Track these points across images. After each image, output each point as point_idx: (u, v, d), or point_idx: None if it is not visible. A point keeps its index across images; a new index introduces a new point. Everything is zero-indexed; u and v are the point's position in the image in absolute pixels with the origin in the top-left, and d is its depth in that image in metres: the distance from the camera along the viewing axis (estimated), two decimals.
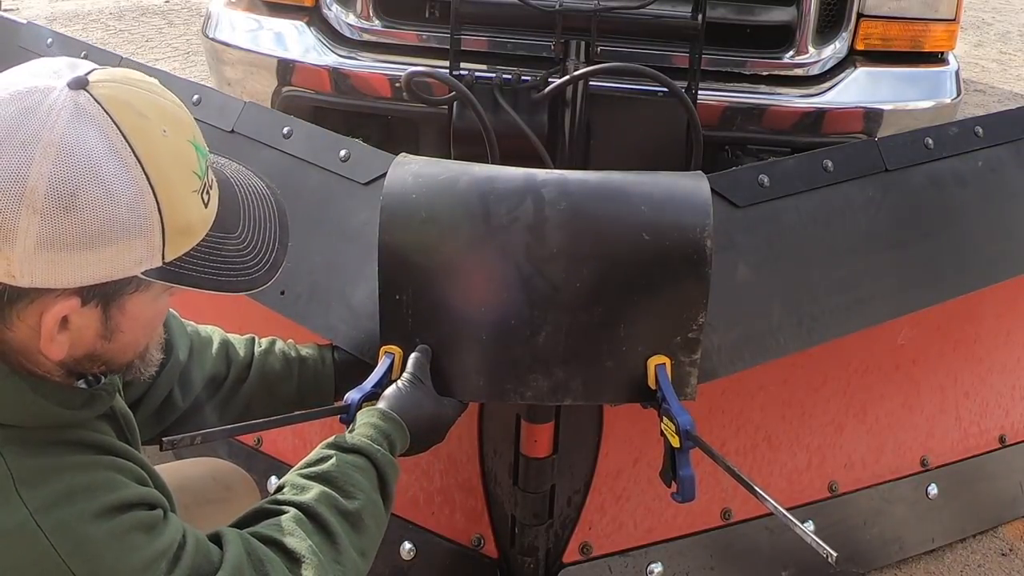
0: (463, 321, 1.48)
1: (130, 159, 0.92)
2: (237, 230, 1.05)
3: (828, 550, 1.23)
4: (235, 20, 3.04)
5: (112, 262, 0.93)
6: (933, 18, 2.87)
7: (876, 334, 1.90)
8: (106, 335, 1.00)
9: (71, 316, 0.96)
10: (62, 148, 0.89)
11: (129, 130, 0.93)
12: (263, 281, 1.06)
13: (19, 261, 0.90)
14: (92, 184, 0.90)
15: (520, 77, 2.47)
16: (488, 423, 1.83)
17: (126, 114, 0.93)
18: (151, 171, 0.93)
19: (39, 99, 0.91)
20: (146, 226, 0.94)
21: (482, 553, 1.91)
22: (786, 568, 2.09)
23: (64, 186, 0.89)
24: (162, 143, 0.95)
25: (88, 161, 0.90)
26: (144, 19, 6.81)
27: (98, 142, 0.91)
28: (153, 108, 0.96)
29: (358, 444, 1.25)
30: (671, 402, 1.42)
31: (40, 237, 0.89)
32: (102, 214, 0.91)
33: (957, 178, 1.91)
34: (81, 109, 0.91)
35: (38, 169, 0.88)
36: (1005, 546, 2.34)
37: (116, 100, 0.93)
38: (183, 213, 0.97)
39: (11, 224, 0.88)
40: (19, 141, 0.89)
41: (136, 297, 0.99)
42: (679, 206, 1.46)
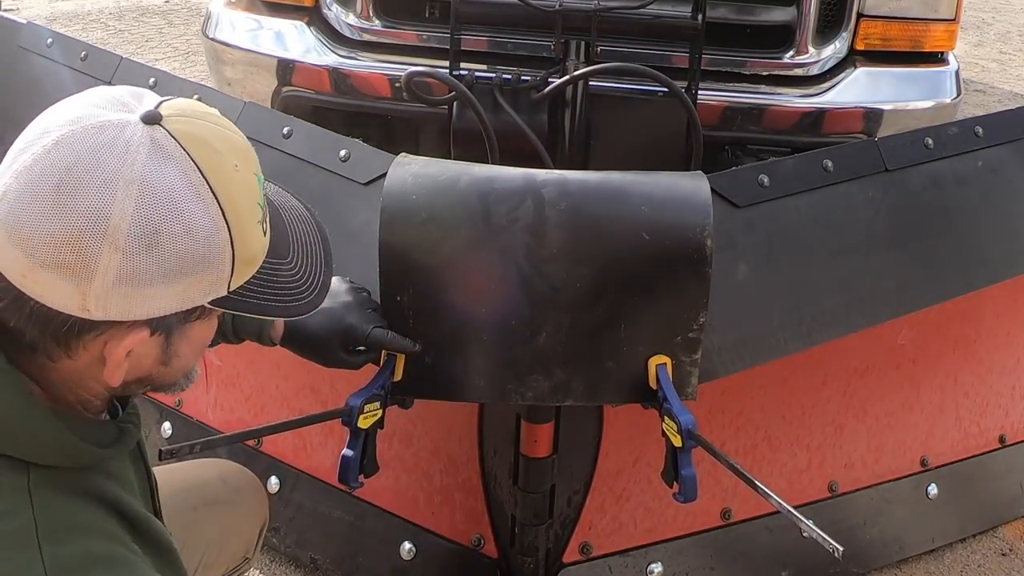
0: (464, 321, 1.48)
1: (208, 195, 0.93)
2: (288, 255, 1.07)
3: (835, 545, 1.23)
4: (235, 20, 3.03)
5: (185, 294, 0.94)
6: (933, 18, 2.87)
7: (876, 334, 1.90)
8: (165, 361, 1.02)
9: (135, 348, 0.97)
10: (144, 185, 0.89)
11: (205, 166, 0.93)
12: (315, 305, 1.09)
13: (95, 296, 0.90)
14: (174, 221, 0.90)
15: (520, 77, 2.47)
16: (488, 423, 1.83)
17: (202, 150, 0.94)
18: (226, 206, 0.94)
19: (115, 134, 0.91)
20: (219, 259, 0.95)
21: (482, 553, 1.91)
22: (786, 568, 2.09)
23: (147, 224, 0.89)
24: (234, 177, 0.96)
25: (170, 198, 0.90)
26: (144, 19, 6.81)
27: (177, 179, 0.91)
28: (225, 143, 0.97)
29: None
30: (672, 401, 1.42)
31: (120, 273, 0.89)
32: (182, 250, 0.91)
33: (957, 178, 1.91)
34: (158, 145, 0.91)
35: (121, 207, 0.88)
36: (1005, 546, 2.34)
37: (191, 136, 0.94)
38: (250, 244, 0.98)
39: (92, 261, 0.88)
40: (100, 179, 0.88)
41: (198, 324, 1.01)
42: (679, 206, 1.46)
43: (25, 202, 0.88)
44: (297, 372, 2.02)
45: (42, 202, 0.88)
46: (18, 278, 0.90)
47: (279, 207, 1.11)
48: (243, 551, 1.63)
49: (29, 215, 0.88)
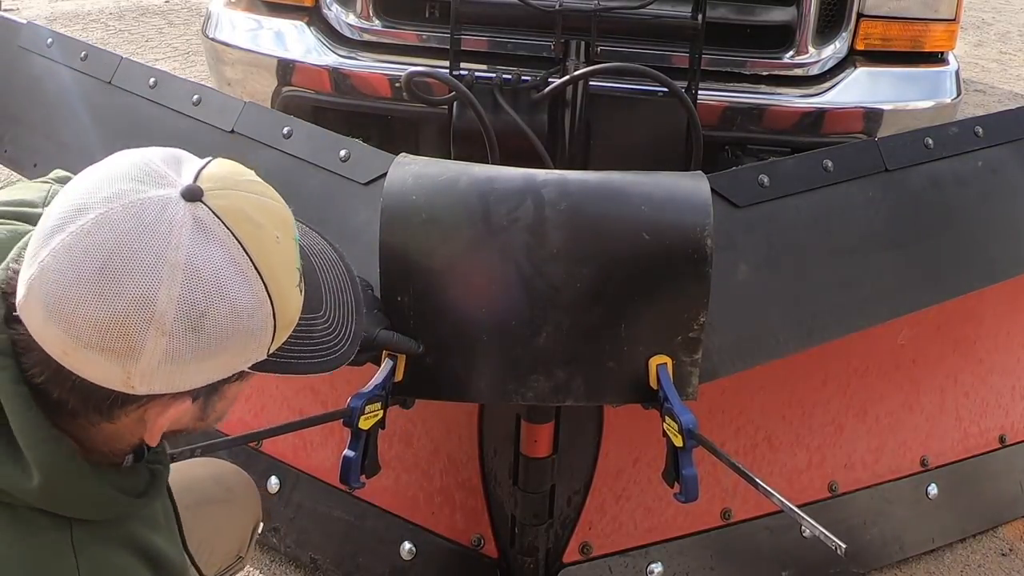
0: (464, 322, 1.48)
1: (251, 272, 0.93)
2: (321, 308, 1.08)
3: (837, 542, 1.23)
4: (235, 20, 3.03)
5: (229, 365, 0.95)
6: (933, 18, 2.87)
7: (876, 334, 1.90)
8: (203, 418, 1.03)
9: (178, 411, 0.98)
10: (189, 269, 0.89)
11: (248, 243, 0.93)
12: (347, 357, 1.10)
13: (140, 374, 0.90)
14: (219, 303, 0.91)
15: (520, 77, 2.47)
16: (488, 423, 1.83)
17: (244, 226, 0.93)
18: (268, 280, 0.94)
19: (156, 214, 0.89)
20: (262, 331, 0.96)
21: (482, 553, 1.91)
22: (786, 568, 2.09)
23: (194, 308, 0.89)
24: (275, 250, 0.96)
25: (215, 280, 0.90)
26: (144, 19, 6.81)
27: (222, 259, 0.91)
28: (265, 214, 0.97)
29: None
30: (673, 401, 1.42)
31: (165, 354, 0.89)
32: (227, 328, 0.92)
33: (957, 178, 1.91)
34: (201, 223, 0.90)
35: (167, 292, 0.88)
36: (1005, 546, 2.34)
37: (233, 211, 0.93)
38: (288, 310, 0.99)
39: (138, 344, 0.88)
40: (144, 263, 0.87)
41: (236, 383, 1.01)
42: (679, 206, 1.46)
43: (67, 284, 0.87)
44: None
45: (86, 286, 0.87)
46: (59, 354, 0.90)
47: (309, 253, 1.10)
48: (236, 550, 1.64)
49: (72, 298, 0.87)
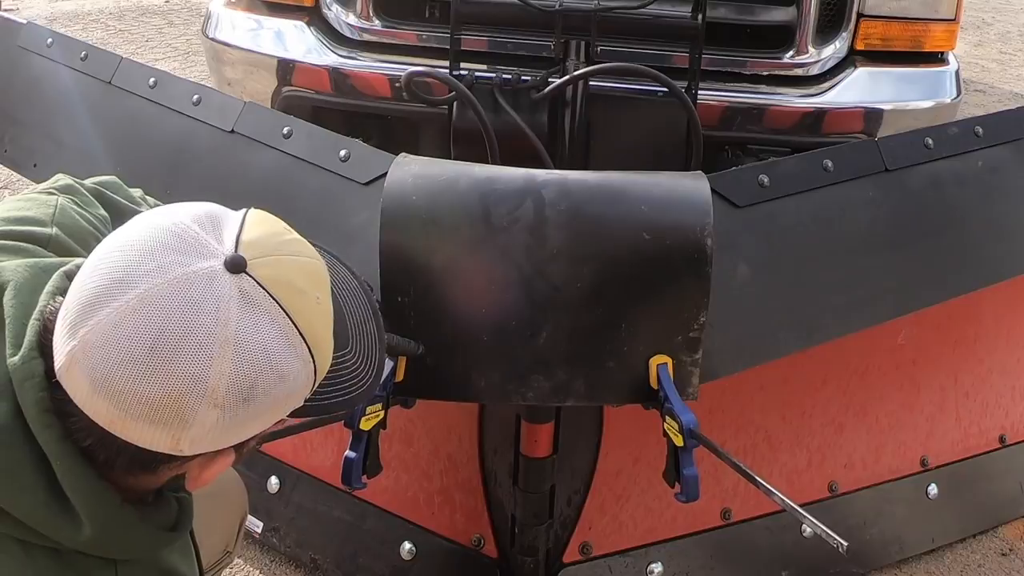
0: (465, 322, 1.48)
1: (296, 339, 0.94)
2: (348, 344, 1.08)
3: (839, 540, 1.23)
4: (235, 20, 3.03)
5: (271, 420, 0.97)
6: (933, 18, 2.87)
7: (876, 334, 1.90)
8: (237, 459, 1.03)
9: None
10: (239, 345, 0.90)
11: (293, 311, 0.94)
12: (374, 388, 1.11)
13: (190, 440, 0.91)
14: (268, 373, 0.92)
15: (520, 77, 2.47)
16: (488, 423, 1.83)
17: (288, 294, 0.94)
18: (312, 343, 0.95)
19: (203, 291, 0.89)
20: (305, 387, 0.98)
21: (482, 553, 1.91)
22: (786, 568, 2.09)
23: (244, 381, 0.90)
24: (317, 311, 0.97)
25: (264, 353, 0.91)
26: (144, 19, 6.81)
27: (269, 330, 0.92)
28: (306, 278, 0.97)
29: None
30: (674, 401, 1.42)
31: (217, 424, 0.91)
32: (275, 395, 0.94)
33: (957, 178, 1.91)
34: (248, 297, 0.91)
35: (218, 369, 0.88)
36: (1005, 546, 2.34)
37: (277, 281, 0.94)
38: (326, 360, 1.01)
39: (189, 417, 0.89)
40: (195, 343, 0.88)
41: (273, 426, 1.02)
42: (679, 206, 1.46)
43: (117, 362, 0.87)
44: None
45: (137, 365, 0.87)
46: (106, 423, 0.90)
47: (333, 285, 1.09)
48: (223, 545, 1.64)
49: (122, 376, 0.87)
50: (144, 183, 1.91)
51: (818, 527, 1.28)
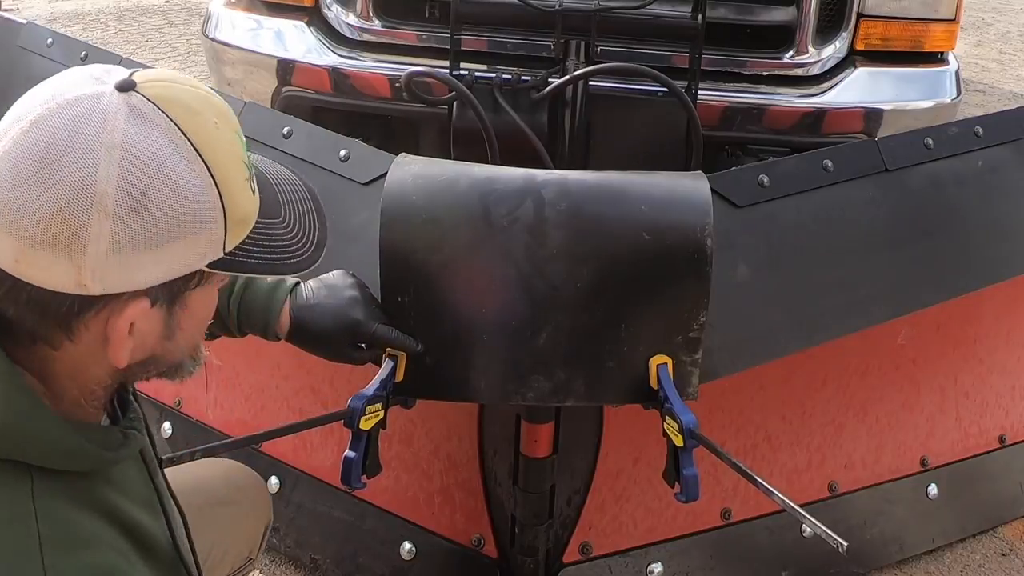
0: (465, 322, 1.48)
1: (191, 154, 0.92)
2: (280, 215, 1.06)
3: (839, 541, 1.23)
4: (235, 20, 3.04)
5: (181, 258, 0.93)
6: (933, 18, 2.87)
7: (876, 334, 1.90)
8: (168, 335, 1.00)
9: (137, 321, 0.95)
10: (126, 149, 0.88)
11: (186, 126, 0.92)
12: (311, 262, 1.08)
13: (91, 268, 0.89)
14: (160, 182, 0.90)
15: (520, 77, 2.47)
16: (488, 423, 1.83)
17: (180, 110, 0.93)
18: (211, 164, 0.94)
19: (91, 105, 0.90)
20: (211, 219, 0.94)
21: (482, 553, 1.91)
22: (786, 568, 2.09)
23: (133, 187, 0.88)
24: (216, 135, 0.95)
25: (154, 160, 0.89)
26: (144, 19, 6.81)
27: (160, 139, 0.90)
28: (201, 102, 0.96)
29: None
30: (674, 401, 1.42)
31: (112, 241, 0.88)
32: (172, 211, 0.90)
33: (957, 178, 1.91)
34: (136, 109, 0.90)
35: (105, 172, 0.87)
36: (1005, 546, 2.34)
37: (167, 98, 0.93)
38: (240, 203, 0.97)
39: (82, 231, 0.87)
40: (81, 149, 0.87)
41: (198, 292, 1.00)
42: (679, 206, 1.46)
43: (9, 186, 0.87)
44: (297, 372, 2.02)
45: (26, 182, 0.87)
46: (12, 264, 0.89)
47: (265, 172, 1.10)
48: (247, 551, 1.63)
49: (15, 198, 0.87)
50: None
51: (818, 527, 1.28)
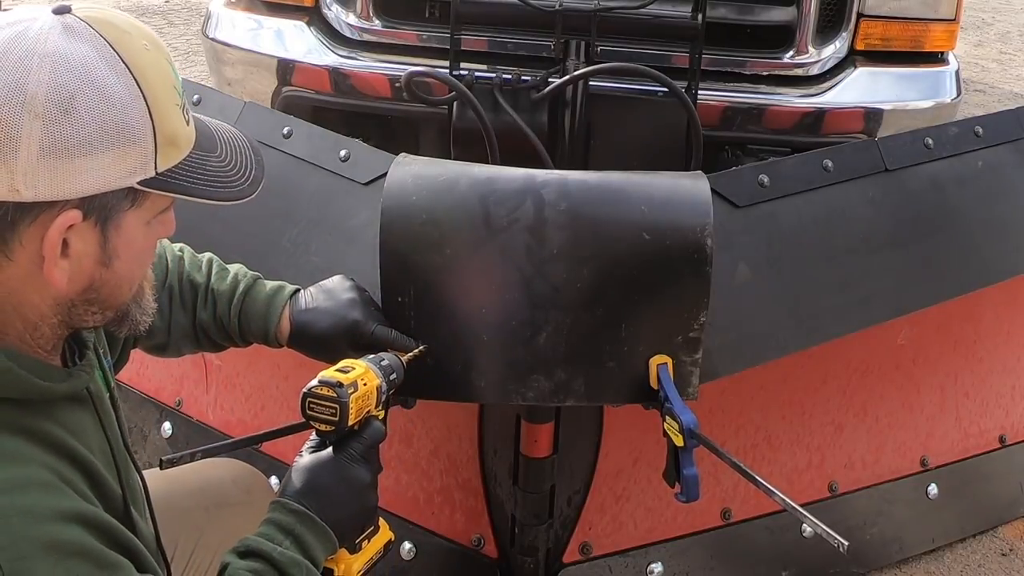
0: (464, 322, 1.48)
1: (120, 67, 0.98)
2: (217, 150, 1.11)
3: (840, 540, 1.23)
4: (235, 20, 3.04)
5: (111, 169, 0.97)
6: (933, 18, 2.87)
7: (876, 334, 1.90)
8: (104, 260, 1.03)
9: (72, 238, 0.98)
10: (56, 58, 0.94)
11: (116, 43, 0.98)
12: (248, 193, 1.13)
13: (23, 172, 0.93)
14: (88, 88, 0.95)
15: (520, 77, 2.47)
16: (488, 423, 1.83)
17: (111, 30, 0.99)
18: (139, 79, 0.99)
19: (28, 24, 0.96)
20: (140, 132, 0.99)
21: (482, 553, 1.91)
22: (786, 568, 2.09)
23: (62, 91, 0.93)
24: (146, 55, 1.01)
25: (83, 68, 0.95)
26: (144, 19, 6.76)
27: (90, 51, 0.96)
28: (133, 27, 1.02)
29: (252, 546, 1.17)
30: (674, 401, 1.42)
31: (43, 144, 0.93)
32: (100, 117, 0.95)
33: (957, 178, 1.91)
34: (69, 27, 0.97)
35: (36, 77, 0.93)
36: (1005, 546, 2.34)
37: (99, 19, 0.99)
38: (170, 123, 1.02)
39: (14, 133, 0.92)
40: (15, 58, 0.93)
41: (131, 215, 1.03)
42: (679, 206, 1.46)
43: None
44: (297, 372, 2.02)
45: None
46: None
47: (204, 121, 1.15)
48: None
49: None
50: None
51: (819, 527, 1.28)
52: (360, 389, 1.24)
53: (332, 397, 1.21)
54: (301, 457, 1.26)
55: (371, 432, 1.27)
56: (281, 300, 1.49)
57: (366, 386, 1.26)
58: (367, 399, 1.25)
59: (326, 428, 1.22)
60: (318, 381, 1.22)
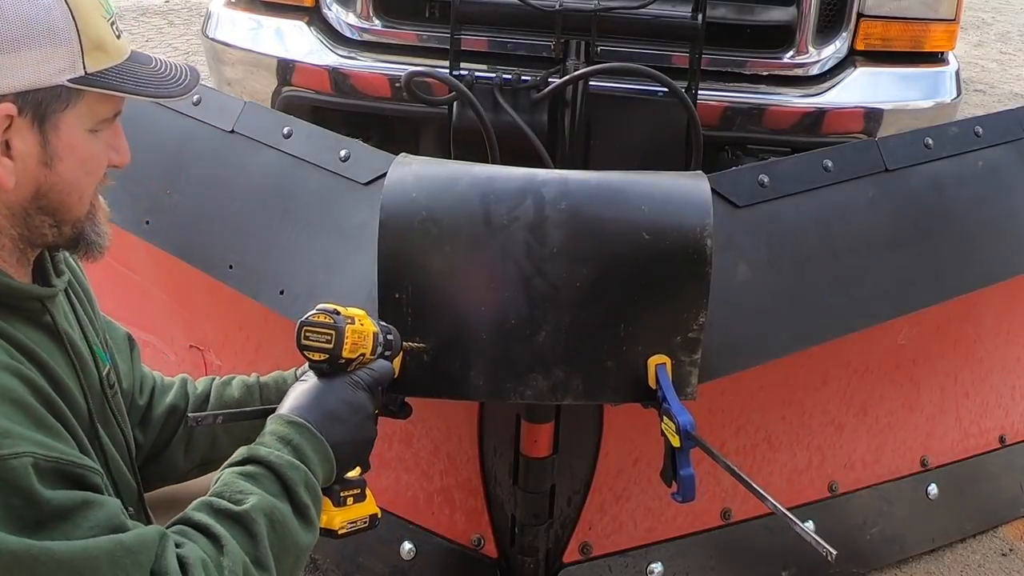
0: (463, 320, 1.48)
1: None
2: (152, 63, 1.16)
3: (828, 548, 1.23)
4: (235, 20, 3.04)
5: (39, 67, 1.02)
6: (933, 18, 2.87)
7: (876, 334, 1.90)
8: (47, 160, 1.07)
9: (13, 139, 1.03)
10: None
11: None
12: (180, 93, 1.16)
13: None
14: None
15: (520, 77, 2.47)
16: (488, 423, 1.83)
17: None
18: None
19: None
20: (64, 32, 1.04)
21: (482, 553, 1.91)
22: (786, 568, 2.09)
23: None
24: None
25: None
26: (144, 19, 6.81)
27: None
28: None
29: (251, 453, 1.15)
30: (671, 402, 1.42)
31: None
32: (23, 15, 1.01)
33: (957, 178, 1.91)
34: None
35: None
36: (1005, 546, 2.34)
37: None
38: (95, 28, 1.07)
39: None
40: None
41: (69, 117, 1.06)
42: (679, 206, 1.46)
43: None
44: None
45: None
46: None
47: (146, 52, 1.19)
48: None
49: None
50: (144, 183, 1.91)
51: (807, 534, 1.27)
52: (356, 325, 1.24)
53: (329, 324, 1.21)
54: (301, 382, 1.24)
55: (380, 366, 1.27)
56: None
57: (363, 326, 1.25)
58: (362, 338, 1.24)
59: (319, 357, 1.21)
60: (316, 309, 1.23)
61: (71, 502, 0.96)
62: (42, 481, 0.94)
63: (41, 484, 0.94)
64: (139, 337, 1.49)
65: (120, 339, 1.41)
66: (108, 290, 1.44)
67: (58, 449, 0.98)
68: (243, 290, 1.79)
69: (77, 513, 0.96)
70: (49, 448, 0.97)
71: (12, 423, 0.95)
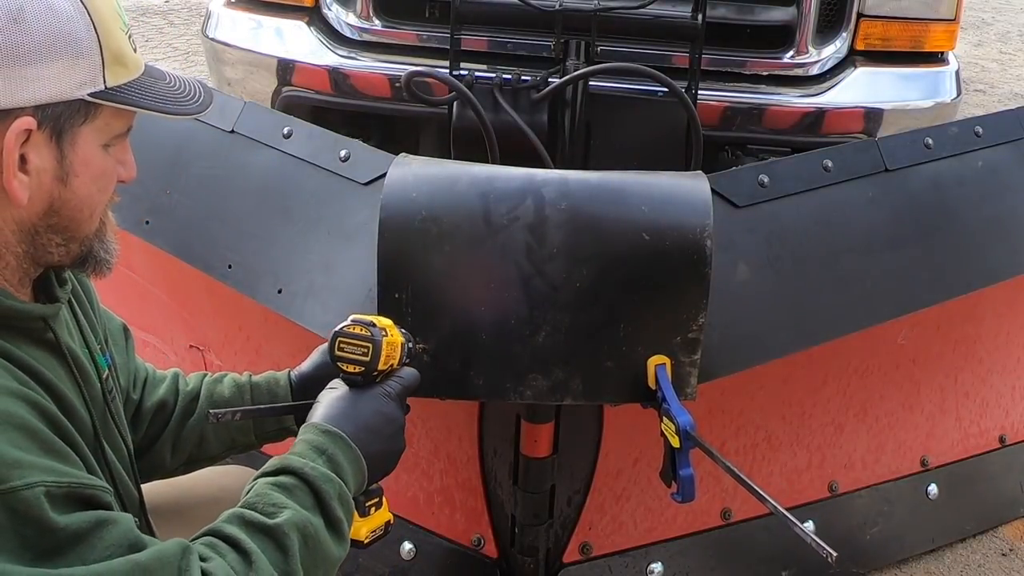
0: (462, 320, 1.48)
1: None
2: (167, 79, 1.15)
3: (828, 549, 1.23)
4: (235, 20, 3.04)
5: (61, 79, 1.00)
6: (933, 18, 2.87)
7: (876, 334, 1.90)
8: (62, 176, 1.05)
9: (29, 153, 1.01)
10: None
11: None
12: (196, 111, 1.15)
13: None
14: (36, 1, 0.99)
15: (520, 77, 2.47)
16: (488, 423, 1.83)
17: None
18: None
19: None
20: (87, 45, 1.02)
21: (482, 553, 1.91)
22: (786, 568, 2.09)
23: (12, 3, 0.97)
24: None
25: None
26: (144, 19, 6.81)
27: None
28: None
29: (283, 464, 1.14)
30: (671, 402, 1.42)
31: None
32: (48, 27, 0.99)
33: (957, 178, 1.91)
34: None
35: None
36: (1005, 546, 2.34)
37: None
38: (116, 41, 1.06)
39: None
40: None
41: (87, 132, 1.05)
42: (679, 206, 1.46)
43: None
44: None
45: None
46: None
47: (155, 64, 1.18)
48: None
49: None
50: (144, 183, 1.91)
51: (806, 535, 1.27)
52: (390, 336, 1.23)
53: (366, 336, 1.20)
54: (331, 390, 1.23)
55: (408, 374, 1.26)
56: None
57: (394, 338, 1.25)
58: (394, 349, 1.24)
59: (355, 369, 1.21)
60: (351, 321, 1.22)
61: (86, 524, 0.96)
62: (55, 508, 0.93)
63: (54, 512, 0.93)
64: (139, 337, 1.49)
65: (116, 330, 1.40)
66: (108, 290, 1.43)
67: (69, 474, 0.98)
68: (242, 290, 1.79)
69: (92, 534, 0.96)
70: (60, 474, 0.96)
71: (21, 452, 0.94)
